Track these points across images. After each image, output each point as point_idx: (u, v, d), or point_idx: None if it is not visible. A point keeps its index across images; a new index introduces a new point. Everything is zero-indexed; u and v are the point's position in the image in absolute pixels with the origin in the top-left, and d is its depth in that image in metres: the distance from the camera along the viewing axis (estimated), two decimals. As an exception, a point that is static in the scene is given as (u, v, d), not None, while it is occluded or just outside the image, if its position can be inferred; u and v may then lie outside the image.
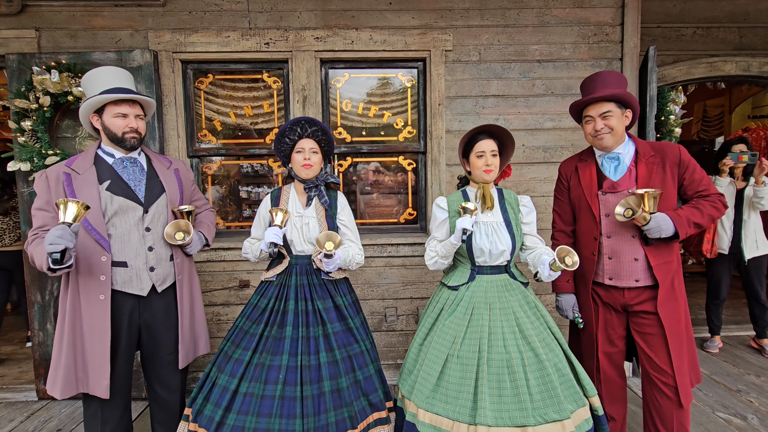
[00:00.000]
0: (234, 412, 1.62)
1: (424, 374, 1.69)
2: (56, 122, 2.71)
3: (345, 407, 1.67)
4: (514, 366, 1.59)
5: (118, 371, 1.77)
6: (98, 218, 1.68)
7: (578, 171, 1.95)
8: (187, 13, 2.77)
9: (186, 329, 1.89)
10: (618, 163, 1.85)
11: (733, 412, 2.52)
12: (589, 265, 1.89)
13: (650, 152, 1.82)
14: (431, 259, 1.85)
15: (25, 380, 3.07)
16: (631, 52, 2.85)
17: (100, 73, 1.77)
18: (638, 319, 1.83)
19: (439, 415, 1.59)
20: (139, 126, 1.79)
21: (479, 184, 1.84)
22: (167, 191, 1.85)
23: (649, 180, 1.77)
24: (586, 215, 1.90)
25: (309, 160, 1.85)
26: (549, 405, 1.55)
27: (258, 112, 2.98)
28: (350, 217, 1.98)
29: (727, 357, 3.30)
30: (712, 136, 6.46)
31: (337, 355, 1.73)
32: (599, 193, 1.86)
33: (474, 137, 1.83)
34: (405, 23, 2.82)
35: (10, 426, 2.54)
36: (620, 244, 1.81)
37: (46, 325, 2.74)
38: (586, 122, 1.86)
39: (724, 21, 3.58)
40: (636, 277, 1.79)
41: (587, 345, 1.97)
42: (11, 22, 2.72)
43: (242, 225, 3.08)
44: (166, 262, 1.83)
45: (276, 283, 1.85)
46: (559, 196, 2.05)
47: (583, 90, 1.91)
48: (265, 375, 1.65)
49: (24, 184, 2.67)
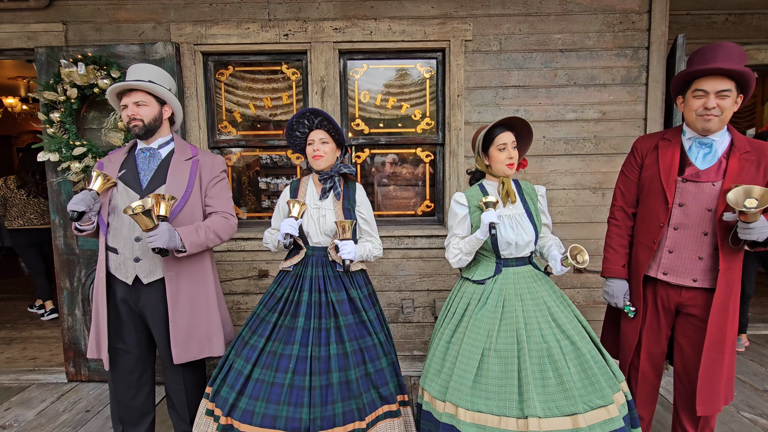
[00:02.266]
0: (246, 396, 1.67)
1: (460, 371, 1.63)
2: (83, 114, 2.79)
3: (353, 399, 1.68)
4: (555, 355, 1.57)
5: (127, 352, 1.86)
6: (105, 204, 1.80)
7: (658, 149, 1.75)
8: (208, 5, 2.80)
9: (181, 327, 1.83)
10: (709, 151, 1.66)
11: (759, 412, 2.45)
12: (645, 254, 1.76)
13: (746, 147, 1.64)
14: (455, 257, 1.81)
15: (55, 363, 3.21)
16: (658, 40, 2.75)
17: (128, 71, 1.91)
18: (687, 321, 1.74)
19: (482, 412, 1.54)
20: (138, 113, 1.79)
21: (500, 178, 1.82)
22: (167, 183, 1.81)
23: (738, 176, 1.60)
24: (655, 200, 1.73)
25: (319, 151, 1.86)
26: (592, 392, 1.54)
27: (277, 103, 3.00)
28: (369, 210, 1.98)
29: (753, 356, 3.21)
30: (743, 127, 6.21)
31: (347, 347, 1.74)
32: (678, 179, 1.68)
33: (492, 130, 1.80)
34: (424, 13, 2.79)
35: (41, 406, 2.66)
36: (687, 238, 1.67)
37: (75, 310, 2.84)
38: (694, 96, 1.61)
39: (759, 7, 3.41)
40: (694, 277, 1.67)
41: (629, 338, 1.85)
42: (39, 16, 2.79)
43: (261, 216, 3.12)
44: (153, 255, 1.79)
45: (292, 273, 1.88)
46: (627, 173, 1.87)
47: (698, 58, 1.64)
48: (277, 363, 1.69)
49: (53, 174, 2.76)
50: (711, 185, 1.63)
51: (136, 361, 1.89)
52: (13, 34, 2.78)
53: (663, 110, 2.81)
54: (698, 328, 1.71)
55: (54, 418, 2.51)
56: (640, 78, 2.80)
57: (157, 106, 1.85)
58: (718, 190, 1.62)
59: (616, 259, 1.83)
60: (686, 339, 1.76)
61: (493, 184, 1.87)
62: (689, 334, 1.74)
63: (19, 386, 2.92)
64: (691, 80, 1.64)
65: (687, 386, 1.78)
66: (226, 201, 1.96)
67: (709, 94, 1.59)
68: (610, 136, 2.84)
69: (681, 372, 1.80)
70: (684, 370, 1.78)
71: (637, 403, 1.89)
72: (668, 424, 2.31)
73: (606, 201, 2.88)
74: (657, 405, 2.47)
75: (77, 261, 2.81)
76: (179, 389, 1.95)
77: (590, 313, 2.96)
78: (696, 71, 1.59)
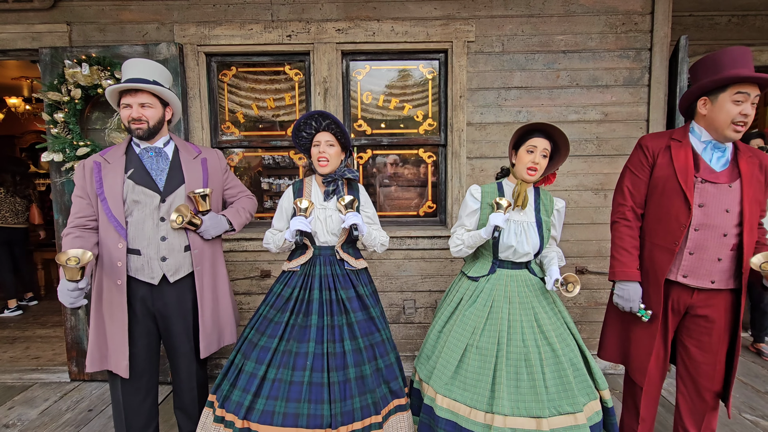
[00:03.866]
0: (263, 397, 1.66)
1: (443, 361, 1.75)
2: (87, 114, 2.80)
3: (369, 393, 1.72)
4: (532, 360, 1.65)
5: (137, 356, 1.82)
6: (118, 206, 1.74)
7: (671, 150, 1.73)
8: (212, 6, 2.80)
9: (208, 320, 1.89)
10: (722, 154, 1.69)
11: (760, 413, 2.45)
12: (666, 257, 1.71)
13: (749, 152, 1.70)
14: (456, 247, 1.86)
15: (58, 362, 3.21)
16: (661, 41, 2.75)
17: (126, 66, 1.82)
18: (695, 323, 1.74)
19: (456, 401, 1.66)
20: (143, 114, 1.76)
21: (518, 181, 1.82)
22: (187, 182, 1.84)
23: (751, 178, 1.64)
24: (674, 201, 1.70)
25: (324, 153, 1.87)
26: (563, 398, 1.61)
27: (280, 104, 3.01)
28: (372, 208, 2.04)
29: (756, 358, 3.20)
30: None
31: (360, 343, 1.78)
32: (697, 180, 1.67)
33: (530, 132, 1.79)
34: (427, 14, 2.79)
35: (45, 405, 2.67)
36: (707, 239, 1.65)
37: (78, 310, 2.85)
38: (734, 101, 1.58)
39: (762, 8, 3.41)
40: (712, 278, 1.67)
41: (645, 342, 1.80)
42: (44, 17, 2.80)
43: (263, 216, 3.12)
44: (179, 253, 1.82)
45: (300, 273, 1.89)
46: (636, 172, 1.82)
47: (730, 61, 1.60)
48: (293, 362, 1.70)
49: (57, 174, 2.77)
50: (728, 186, 1.64)
51: (145, 365, 1.86)
52: (18, 34, 2.80)
53: (666, 112, 2.81)
54: (707, 329, 1.71)
55: (57, 417, 2.52)
56: (642, 79, 2.80)
57: (161, 108, 1.83)
58: (736, 191, 1.64)
59: (631, 261, 1.77)
60: (693, 341, 1.76)
61: (511, 186, 1.87)
62: (696, 335, 1.74)
63: (23, 385, 2.93)
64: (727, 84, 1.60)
65: (691, 388, 1.78)
66: (240, 184, 2.14)
67: (748, 99, 1.57)
68: (613, 137, 2.84)
69: (684, 374, 1.80)
70: (688, 373, 1.78)
71: (641, 405, 1.88)
72: (669, 425, 2.30)
73: (608, 202, 2.88)
74: (659, 407, 2.47)
75: (80, 261, 2.82)
76: (191, 387, 1.96)
77: (592, 314, 2.96)
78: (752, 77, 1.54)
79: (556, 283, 1.69)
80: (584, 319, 2.94)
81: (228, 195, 2.08)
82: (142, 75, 1.80)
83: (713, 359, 1.71)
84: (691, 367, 1.76)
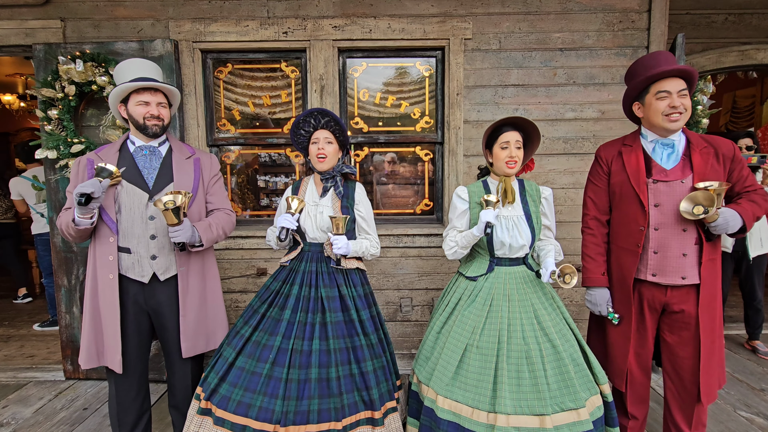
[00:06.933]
0: (227, 383, 1.68)
1: (443, 362, 1.73)
2: (81, 111, 2.78)
3: (331, 398, 1.66)
4: (533, 357, 1.64)
5: (129, 353, 1.84)
6: (109, 201, 1.76)
7: (622, 156, 1.81)
8: (207, 3, 2.79)
9: (191, 321, 1.88)
10: (672, 150, 1.73)
11: (755, 411, 2.46)
12: (631, 258, 1.77)
13: (703, 143, 1.72)
14: (450, 249, 1.86)
15: (53, 360, 3.20)
16: (658, 39, 2.75)
17: (127, 64, 1.84)
18: (673, 320, 1.76)
19: (458, 402, 1.64)
20: (161, 113, 1.82)
21: (501, 177, 1.83)
22: (175, 182, 1.84)
23: (705, 170, 1.67)
24: (630, 204, 1.76)
25: (323, 150, 1.86)
26: (565, 394, 1.60)
27: (276, 101, 2.99)
28: (368, 208, 1.99)
29: (751, 355, 3.21)
30: (741, 127, 6.22)
31: (331, 344, 1.72)
32: (649, 180, 1.73)
33: (499, 128, 1.81)
34: (424, 11, 2.78)
35: (39, 403, 2.65)
36: (669, 237, 1.70)
37: (73, 308, 2.84)
38: (658, 98, 1.68)
39: (758, 6, 3.42)
40: (683, 274, 1.69)
41: (620, 344, 1.86)
42: (38, 13, 2.78)
43: (259, 214, 3.11)
44: (169, 252, 1.83)
45: (288, 267, 1.90)
46: (595, 182, 1.90)
47: (647, 66, 1.75)
48: (259, 353, 1.71)
49: (51, 171, 2.75)
50: (680, 183, 1.69)
51: (137, 362, 1.88)
52: (11, 30, 2.77)
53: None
54: (686, 324, 1.73)
55: (51, 416, 2.51)
56: (639, 77, 2.80)
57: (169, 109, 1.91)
58: (688, 187, 1.68)
59: (595, 267, 1.85)
60: (673, 337, 1.78)
61: (496, 182, 1.88)
62: (676, 331, 1.76)
63: (17, 384, 2.91)
64: (648, 85, 1.72)
65: (677, 384, 1.80)
66: (225, 198, 2.05)
67: (672, 94, 1.66)
68: (609, 135, 2.84)
69: (670, 370, 1.82)
70: (673, 368, 1.80)
71: (628, 403, 1.91)
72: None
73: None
74: (653, 403, 2.48)
75: (75, 259, 2.80)
76: (186, 386, 1.96)
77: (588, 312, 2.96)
78: (659, 73, 1.66)
79: (553, 275, 1.67)
80: (580, 317, 2.95)
81: (208, 202, 1.98)
82: (153, 76, 1.85)
83: (695, 353, 1.72)
84: (675, 362, 1.78)
